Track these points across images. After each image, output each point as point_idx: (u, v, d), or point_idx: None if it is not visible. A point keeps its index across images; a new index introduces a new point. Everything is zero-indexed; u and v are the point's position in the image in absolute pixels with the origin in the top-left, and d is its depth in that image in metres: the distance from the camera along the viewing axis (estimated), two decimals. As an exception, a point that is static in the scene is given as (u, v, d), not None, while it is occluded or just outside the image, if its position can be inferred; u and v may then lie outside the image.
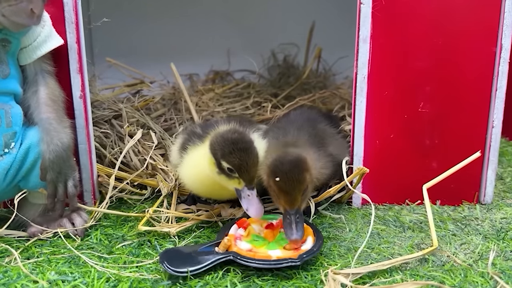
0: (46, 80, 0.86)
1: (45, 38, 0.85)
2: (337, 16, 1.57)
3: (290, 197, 0.77)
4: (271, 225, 0.82)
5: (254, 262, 0.74)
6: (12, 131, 0.81)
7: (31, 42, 0.84)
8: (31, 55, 0.84)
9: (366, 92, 0.93)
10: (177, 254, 0.77)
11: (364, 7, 0.89)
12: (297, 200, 0.77)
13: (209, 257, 0.75)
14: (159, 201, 0.90)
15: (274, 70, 1.66)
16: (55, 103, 0.84)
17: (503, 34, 0.90)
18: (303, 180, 0.77)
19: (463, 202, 0.99)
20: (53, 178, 0.81)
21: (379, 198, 0.97)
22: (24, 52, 0.84)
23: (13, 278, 0.72)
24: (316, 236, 0.80)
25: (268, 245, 0.79)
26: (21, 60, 0.85)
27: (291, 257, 0.74)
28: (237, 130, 0.83)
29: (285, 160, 0.78)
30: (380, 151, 0.96)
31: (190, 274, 0.72)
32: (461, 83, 0.93)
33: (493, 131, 0.94)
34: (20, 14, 0.75)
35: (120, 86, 1.39)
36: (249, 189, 0.80)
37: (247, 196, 0.80)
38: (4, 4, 0.75)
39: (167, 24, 1.62)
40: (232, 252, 0.76)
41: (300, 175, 0.77)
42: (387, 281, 0.72)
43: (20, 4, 0.75)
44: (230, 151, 0.79)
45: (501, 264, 0.77)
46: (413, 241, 0.85)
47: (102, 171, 1.02)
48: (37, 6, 0.75)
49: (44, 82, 0.85)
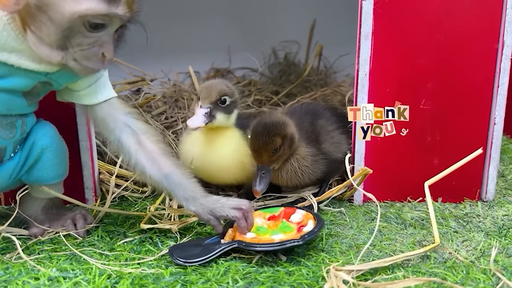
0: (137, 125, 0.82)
1: (96, 90, 0.81)
2: (338, 13, 1.56)
3: (257, 154, 0.89)
4: (273, 216, 0.85)
5: (259, 246, 0.76)
6: (23, 137, 0.80)
7: (79, 90, 0.81)
8: (74, 100, 0.82)
9: (368, 89, 0.93)
10: (186, 247, 0.79)
11: (365, 4, 0.89)
12: (263, 157, 0.89)
13: (216, 247, 0.78)
14: (160, 198, 0.90)
15: (275, 68, 1.66)
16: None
17: (505, 31, 0.90)
18: (270, 142, 0.88)
19: (465, 199, 0.99)
20: None
21: (380, 195, 0.97)
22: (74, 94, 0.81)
23: (14, 274, 0.72)
24: (316, 220, 0.81)
25: (271, 232, 0.81)
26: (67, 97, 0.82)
27: (293, 237, 0.76)
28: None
29: (261, 122, 0.90)
30: (382, 148, 0.96)
31: (198, 264, 0.75)
32: (463, 80, 0.93)
33: (495, 128, 0.94)
34: (91, 58, 0.72)
35: (121, 83, 1.38)
36: (201, 107, 0.91)
37: (195, 113, 0.91)
38: (76, 49, 0.71)
39: (168, 21, 1.62)
40: (237, 240, 0.78)
41: (268, 137, 0.88)
42: (389, 278, 0.72)
43: (92, 48, 0.71)
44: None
45: (503, 261, 0.77)
46: (415, 238, 0.85)
47: (104, 168, 1.02)
48: (108, 50, 0.72)
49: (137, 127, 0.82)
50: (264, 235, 0.80)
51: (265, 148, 0.88)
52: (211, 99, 0.91)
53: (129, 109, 0.83)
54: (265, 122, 0.90)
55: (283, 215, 0.85)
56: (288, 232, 0.80)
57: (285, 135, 0.89)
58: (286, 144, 0.90)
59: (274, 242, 0.76)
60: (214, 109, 0.91)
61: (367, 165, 0.93)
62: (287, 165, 0.94)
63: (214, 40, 1.64)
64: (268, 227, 0.83)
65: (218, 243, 0.79)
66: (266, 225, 0.83)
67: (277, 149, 0.89)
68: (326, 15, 1.60)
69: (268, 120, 0.90)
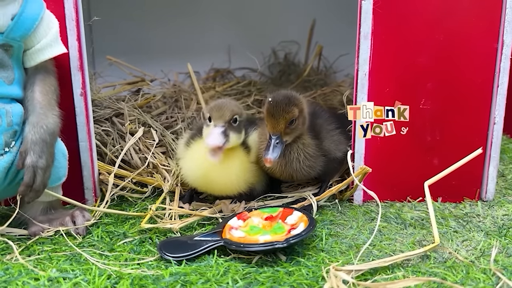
0: (45, 75, 0.84)
1: (50, 42, 0.84)
2: (338, 13, 1.56)
3: (275, 120, 0.89)
4: (270, 217, 0.85)
5: (243, 246, 0.76)
6: (13, 130, 0.80)
7: (35, 44, 0.83)
8: (35, 58, 0.83)
9: (368, 88, 0.93)
10: (175, 242, 0.81)
11: (365, 3, 0.89)
12: (279, 125, 0.89)
13: (202, 243, 0.79)
14: (161, 198, 0.90)
15: (275, 68, 1.66)
16: (48, 93, 0.83)
17: (505, 30, 0.90)
18: (289, 110, 0.89)
19: (465, 199, 0.99)
20: (33, 162, 0.77)
21: (380, 195, 0.96)
22: (28, 54, 0.83)
23: (14, 275, 0.72)
24: (308, 223, 0.81)
25: (262, 232, 0.81)
26: (25, 63, 0.84)
27: (277, 240, 0.76)
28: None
29: (281, 93, 0.93)
30: (381, 148, 0.96)
31: (185, 259, 0.77)
32: (463, 79, 0.93)
33: (495, 128, 0.94)
34: None
35: (121, 84, 1.38)
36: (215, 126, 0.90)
37: (211, 132, 0.89)
38: None
39: (167, 22, 1.62)
40: (224, 238, 0.79)
41: (288, 105, 0.89)
42: (389, 278, 0.72)
43: None
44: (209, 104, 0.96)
45: (503, 261, 0.77)
46: (415, 238, 0.85)
47: (103, 168, 1.02)
48: None
49: (42, 77, 0.84)
50: (254, 235, 0.80)
51: (283, 116, 0.89)
52: (225, 119, 0.90)
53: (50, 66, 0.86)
54: (286, 93, 0.92)
55: (280, 216, 0.85)
56: (279, 233, 0.80)
57: (302, 109, 0.92)
58: (301, 119, 0.92)
59: (258, 244, 0.76)
60: (228, 128, 0.90)
61: (366, 165, 0.93)
62: (293, 146, 0.93)
63: (214, 41, 1.64)
64: (263, 227, 0.83)
65: (207, 240, 0.80)
66: (261, 225, 0.84)
67: (293, 121, 0.90)
68: (326, 15, 1.60)
69: (288, 92, 0.93)
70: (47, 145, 0.79)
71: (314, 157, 0.95)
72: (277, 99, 0.90)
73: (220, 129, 0.89)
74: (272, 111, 0.90)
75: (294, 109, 0.90)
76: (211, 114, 0.91)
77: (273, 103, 0.90)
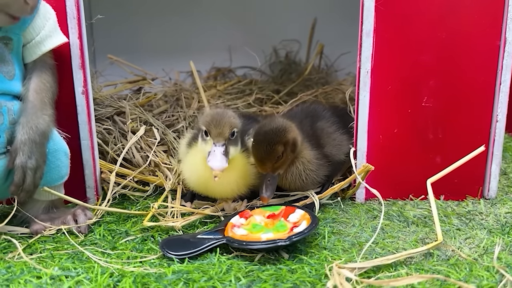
0: (42, 71, 0.83)
1: (49, 33, 0.83)
2: (339, 12, 1.56)
3: (260, 163, 0.88)
4: (272, 215, 0.85)
5: (245, 244, 0.76)
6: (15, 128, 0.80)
7: (34, 36, 0.82)
8: (36, 51, 0.83)
9: (370, 86, 0.93)
10: (177, 240, 0.81)
11: (367, 1, 0.89)
12: (266, 166, 0.88)
13: (205, 241, 0.79)
14: (163, 196, 0.90)
15: (276, 67, 1.66)
16: (42, 91, 0.82)
17: (507, 28, 0.90)
18: (272, 151, 0.87)
19: (467, 197, 0.98)
20: (22, 162, 0.77)
21: (383, 193, 0.96)
22: (28, 48, 0.83)
23: (16, 273, 0.72)
24: (310, 221, 0.81)
25: (265, 230, 0.81)
26: (25, 58, 0.83)
27: (280, 238, 0.76)
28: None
29: (262, 130, 0.89)
30: (384, 146, 0.96)
31: (187, 257, 0.77)
32: (465, 77, 0.93)
33: (497, 125, 0.94)
34: (12, 5, 0.73)
35: (122, 83, 1.38)
36: (215, 145, 0.86)
37: (212, 152, 0.85)
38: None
39: (168, 21, 1.62)
40: (227, 236, 0.79)
41: (270, 145, 0.87)
42: (392, 275, 0.72)
43: None
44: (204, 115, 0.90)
45: (506, 258, 0.76)
46: (418, 235, 0.85)
47: (105, 167, 1.02)
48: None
49: (39, 73, 0.83)
50: (256, 233, 0.80)
51: (267, 158, 0.87)
52: (224, 136, 0.86)
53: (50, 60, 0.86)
54: (265, 130, 0.88)
55: (282, 214, 0.85)
56: (281, 231, 0.80)
57: (286, 142, 0.88)
58: (289, 149, 0.89)
59: (260, 241, 0.76)
60: (227, 144, 0.87)
61: (369, 163, 0.93)
62: (292, 168, 0.93)
63: (215, 39, 1.63)
64: (265, 225, 0.83)
65: (209, 238, 0.80)
66: (263, 223, 0.83)
67: (279, 156, 0.88)
68: (327, 13, 1.60)
69: (268, 127, 0.88)
70: (36, 145, 0.78)
71: (318, 169, 0.95)
72: (258, 140, 0.88)
73: (221, 149, 0.85)
74: (255, 153, 0.88)
75: (277, 147, 0.87)
76: (208, 130, 0.87)
77: (255, 144, 0.88)
